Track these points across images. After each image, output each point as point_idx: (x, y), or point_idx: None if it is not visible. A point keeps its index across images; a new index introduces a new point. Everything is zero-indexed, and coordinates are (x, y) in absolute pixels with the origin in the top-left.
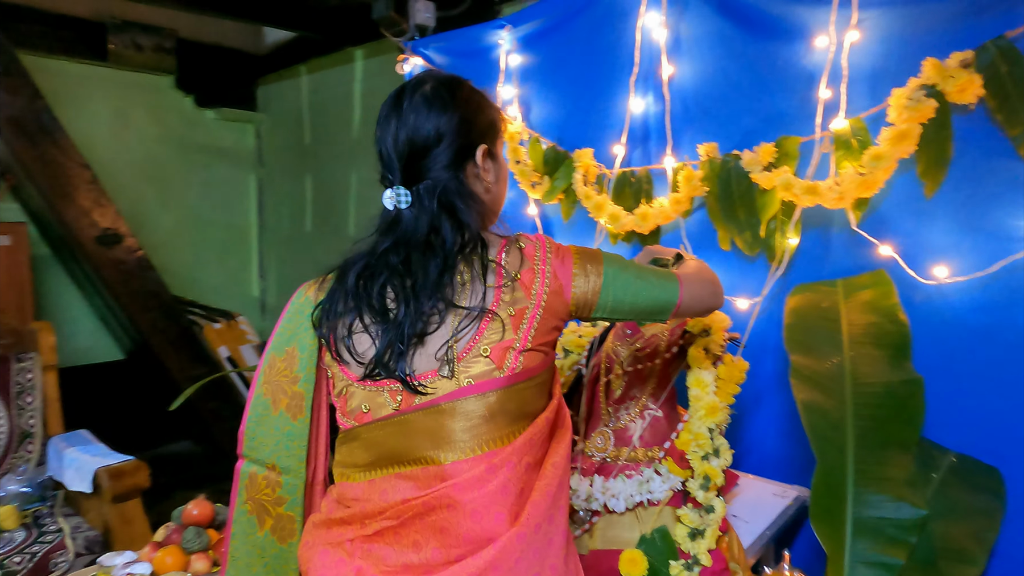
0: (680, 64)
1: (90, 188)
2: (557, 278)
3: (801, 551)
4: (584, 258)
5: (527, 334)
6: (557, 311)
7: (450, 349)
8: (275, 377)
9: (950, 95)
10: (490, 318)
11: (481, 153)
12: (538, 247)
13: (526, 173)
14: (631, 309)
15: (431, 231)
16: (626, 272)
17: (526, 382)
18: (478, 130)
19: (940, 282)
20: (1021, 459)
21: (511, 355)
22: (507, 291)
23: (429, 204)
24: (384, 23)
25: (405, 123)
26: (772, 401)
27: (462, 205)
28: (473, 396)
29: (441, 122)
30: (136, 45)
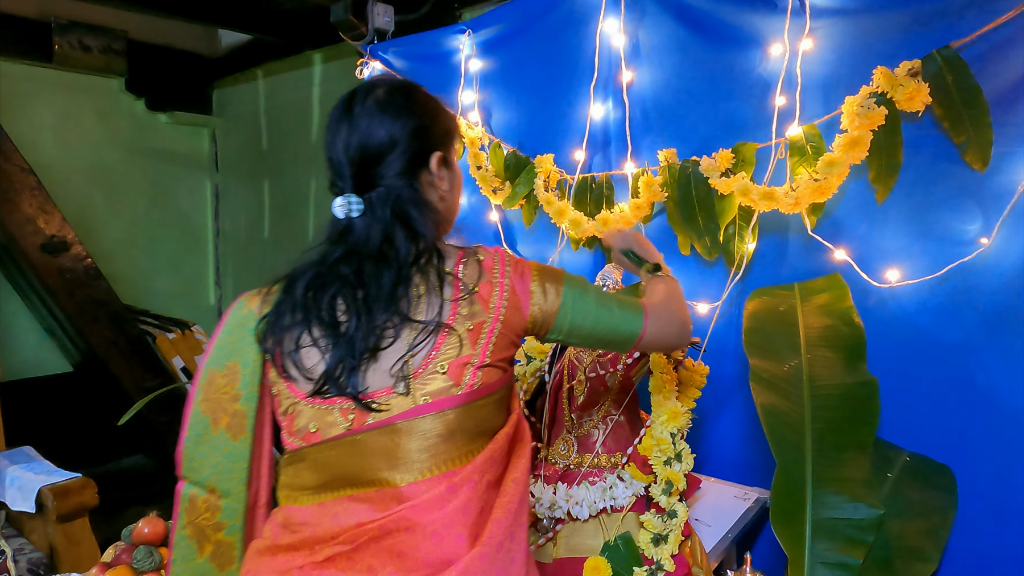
0: (639, 71)
1: (34, 194)
2: (515, 293)
3: (762, 553)
4: (544, 275)
5: (485, 349)
6: (515, 326)
7: (405, 364)
8: (215, 394)
9: (899, 103)
10: (447, 332)
11: (436, 160)
12: (497, 260)
13: (487, 179)
14: (589, 335)
15: (384, 241)
16: (587, 297)
17: (485, 399)
18: (433, 136)
19: (892, 285)
20: (972, 457)
21: (469, 371)
22: (465, 304)
23: (382, 213)
24: (343, 27)
25: (357, 128)
26: (732, 404)
27: (416, 214)
28: (431, 414)
29: (395, 128)
30: (83, 46)
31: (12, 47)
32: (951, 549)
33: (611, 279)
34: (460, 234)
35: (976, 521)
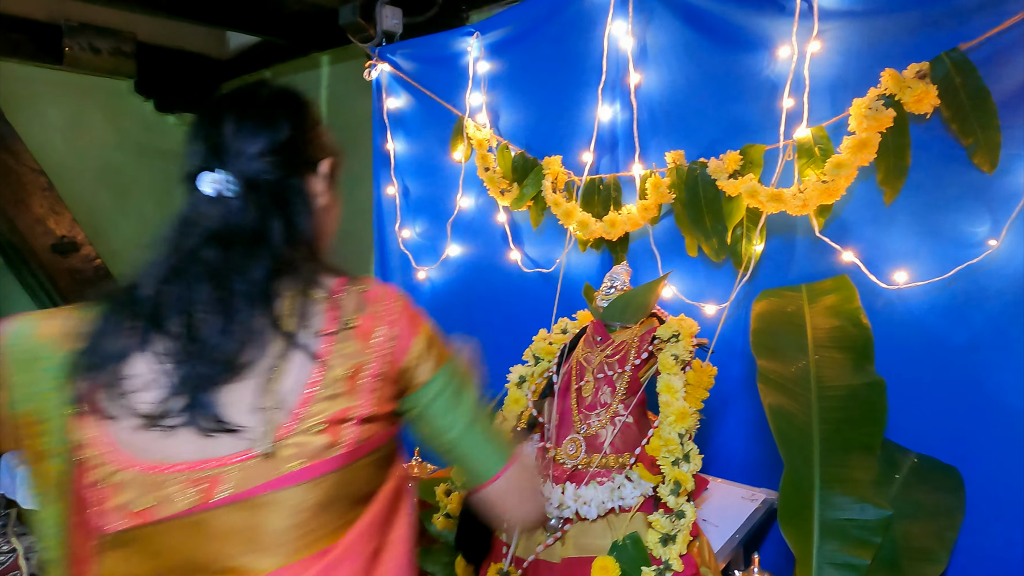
0: (647, 72)
1: (45, 195)
2: (400, 338)
3: (769, 554)
4: (433, 341)
5: (369, 398)
6: (395, 376)
7: (270, 408)
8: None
9: (907, 105)
10: (321, 369)
11: (328, 165)
12: (387, 295)
13: (495, 180)
14: (438, 435)
15: (261, 227)
16: (462, 397)
17: (368, 457)
18: (327, 144)
19: (900, 287)
20: (979, 458)
21: (349, 427)
22: (342, 341)
23: (262, 199)
24: (351, 29)
25: (248, 110)
26: (739, 405)
27: (302, 211)
28: (303, 483)
29: (297, 118)
30: (93, 48)
31: (23, 49)
32: (959, 550)
33: (619, 280)
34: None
35: (984, 522)
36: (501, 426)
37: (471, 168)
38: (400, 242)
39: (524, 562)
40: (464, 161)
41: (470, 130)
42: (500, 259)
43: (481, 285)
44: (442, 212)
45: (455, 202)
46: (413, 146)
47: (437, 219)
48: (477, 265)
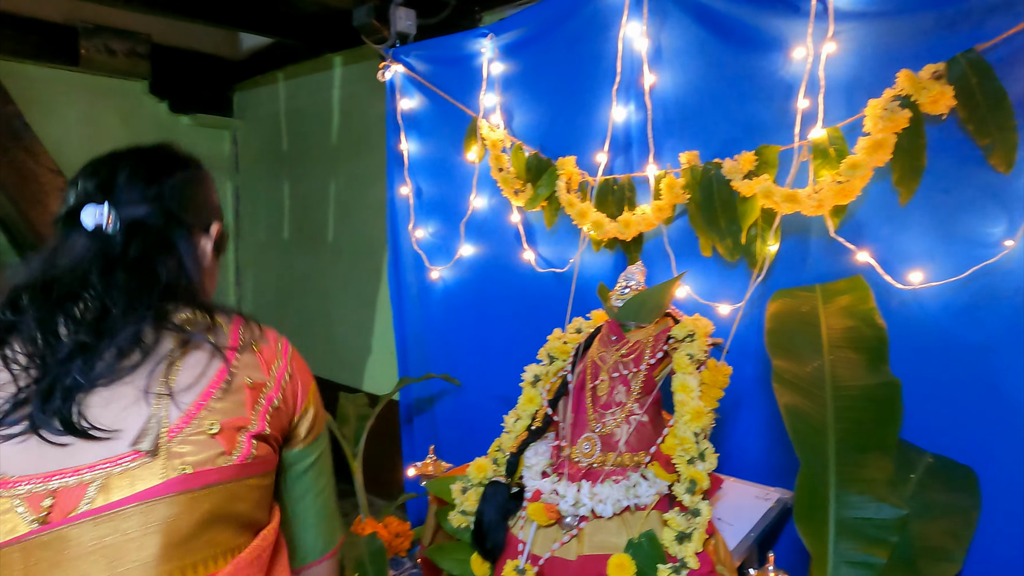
0: (661, 73)
1: (62, 195)
2: (295, 380)
3: (783, 553)
4: (319, 402)
5: (263, 418)
6: (285, 424)
7: (159, 417)
8: None
9: (923, 106)
10: (226, 370)
11: (216, 229)
12: (282, 340)
13: (509, 180)
14: (290, 499)
15: (145, 258)
16: (322, 469)
17: (258, 479)
18: (217, 208)
19: (915, 287)
20: (995, 458)
21: (244, 437)
22: (245, 353)
23: (145, 240)
24: (365, 30)
25: (145, 161)
26: (753, 405)
27: (188, 257)
28: (188, 493)
29: (187, 173)
30: (108, 50)
31: (39, 51)
32: (974, 550)
33: (634, 280)
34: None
35: (1000, 522)
36: (338, 513)
37: (485, 168)
38: (413, 242)
39: (540, 559)
40: (478, 161)
41: (484, 131)
42: (514, 259)
43: (494, 285)
44: (455, 212)
45: (469, 202)
46: (427, 147)
47: (450, 219)
48: (490, 265)
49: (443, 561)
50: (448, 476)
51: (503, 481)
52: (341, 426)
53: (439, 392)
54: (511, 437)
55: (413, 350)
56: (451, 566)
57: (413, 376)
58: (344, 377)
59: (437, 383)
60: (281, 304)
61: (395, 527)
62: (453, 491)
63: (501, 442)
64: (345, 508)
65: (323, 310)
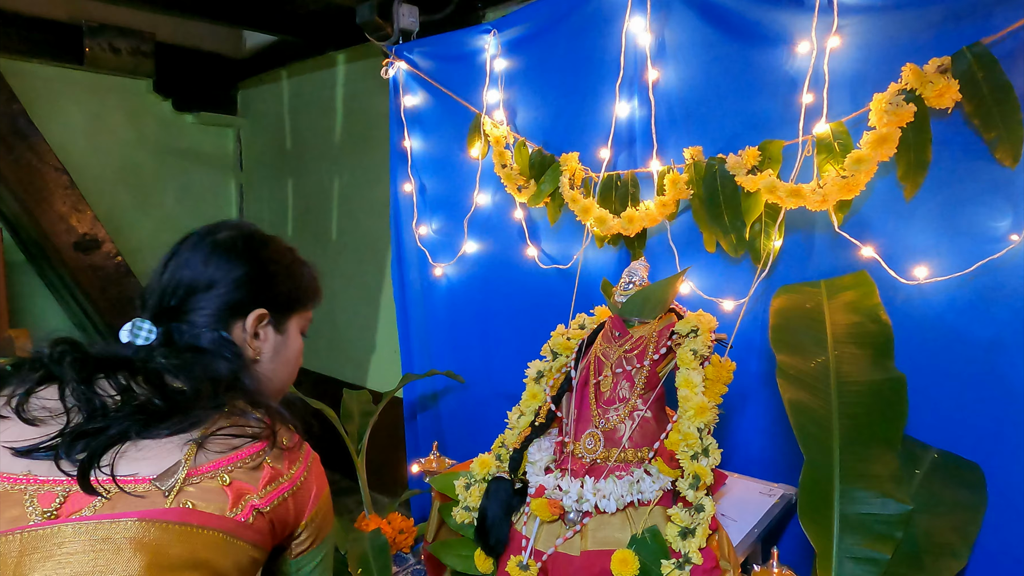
0: (665, 69)
1: (67, 193)
2: (311, 485)
3: (788, 548)
4: (328, 512)
5: (271, 498)
6: (290, 521)
7: (185, 462)
8: None
9: (928, 100)
10: (258, 449)
11: (255, 317)
12: (305, 446)
13: (512, 177)
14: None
15: (169, 371)
16: (326, 569)
17: (251, 545)
18: (263, 291)
19: (920, 282)
20: (1001, 454)
21: (247, 503)
22: (273, 447)
23: (177, 346)
24: (368, 28)
25: (181, 258)
26: (758, 401)
27: (223, 358)
28: (182, 524)
29: (221, 269)
30: (113, 48)
31: (45, 50)
32: (980, 546)
33: (638, 276)
34: None
35: (1006, 518)
36: None
37: (488, 165)
38: (417, 239)
39: (544, 555)
40: (481, 158)
41: (487, 127)
42: (517, 255)
43: (498, 281)
44: (459, 209)
45: (472, 199)
46: (430, 143)
47: (454, 216)
48: (494, 261)
49: (447, 557)
50: (452, 472)
51: (507, 477)
52: (345, 423)
53: (443, 389)
54: (515, 433)
55: (417, 347)
56: (455, 562)
57: (417, 373)
58: (348, 374)
59: (441, 380)
60: None
61: (399, 523)
62: (457, 487)
63: (504, 438)
64: (349, 505)
65: (327, 307)
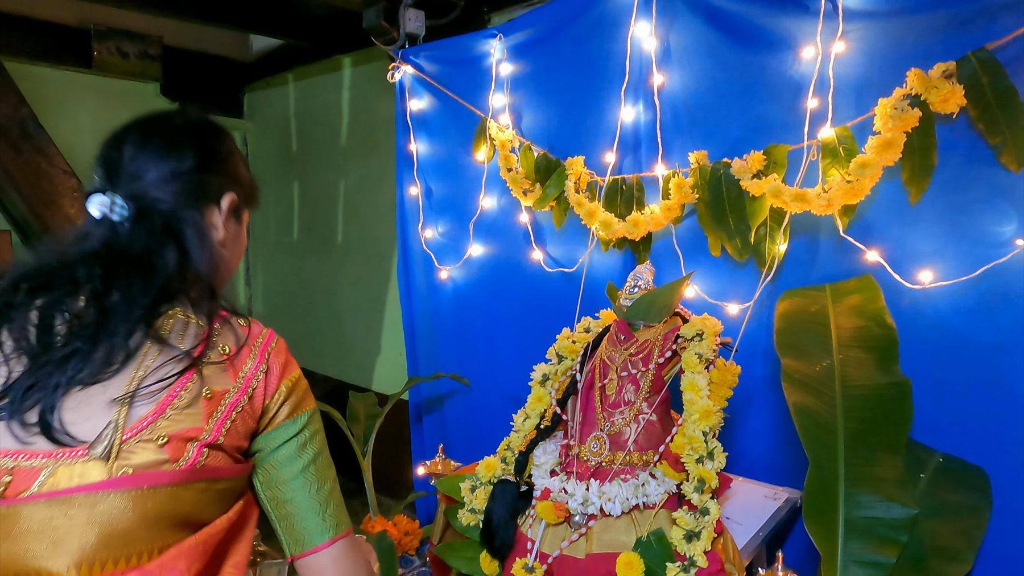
0: (670, 73)
1: (76, 196)
2: (269, 376)
3: (793, 552)
4: (300, 388)
5: (220, 426)
6: (251, 422)
7: (117, 424)
8: None
9: (934, 105)
10: (183, 384)
11: (229, 200)
12: (265, 335)
13: (517, 181)
14: (273, 485)
15: (150, 250)
16: (308, 449)
17: (205, 483)
18: (233, 177)
19: (925, 287)
20: (1005, 458)
21: (193, 447)
22: (209, 364)
23: (151, 225)
24: (375, 32)
25: (152, 136)
26: (763, 404)
27: (195, 241)
28: (125, 491)
29: (197, 143)
30: (121, 52)
31: (53, 54)
32: (985, 550)
33: (643, 279)
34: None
35: (1011, 523)
36: (340, 500)
37: (494, 168)
38: (423, 242)
39: (549, 558)
40: (487, 162)
41: (493, 131)
42: (523, 259)
43: (503, 285)
44: (465, 212)
45: (478, 202)
46: (436, 147)
47: (460, 219)
48: (499, 265)
49: (452, 559)
50: (457, 475)
51: (512, 479)
52: (351, 425)
53: (448, 391)
54: (520, 436)
55: (422, 350)
56: (460, 564)
57: (422, 376)
58: (353, 377)
59: (446, 382)
60: (291, 304)
61: (404, 525)
62: (462, 489)
63: (510, 441)
64: (354, 507)
65: (333, 310)
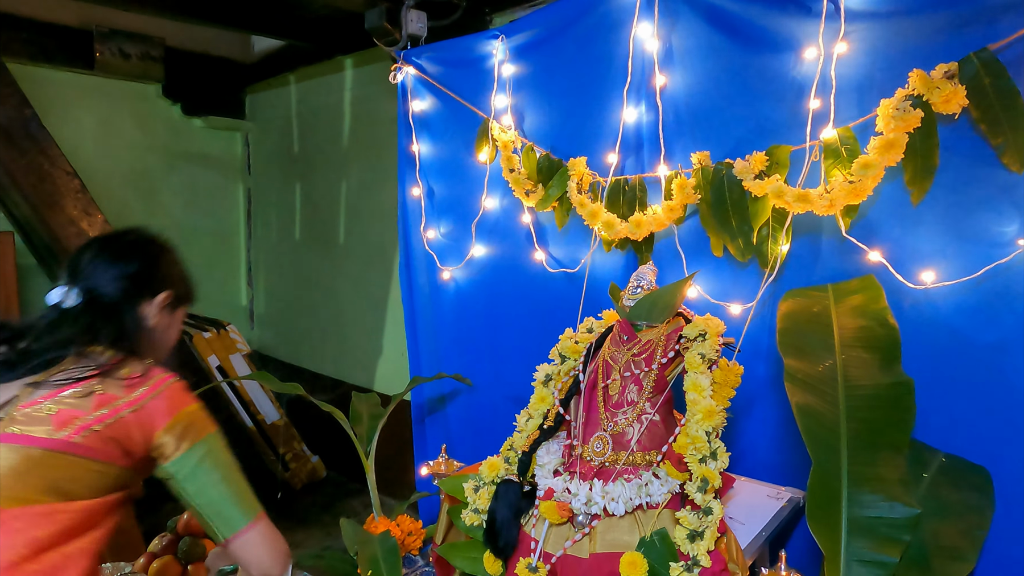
0: (672, 74)
1: (78, 197)
2: (158, 405)
3: (796, 551)
4: (190, 422)
5: (102, 419)
6: (137, 436)
7: (19, 397)
8: None
9: (936, 105)
10: (86, 383)
11: (162, 298)
12: (167, 376)
13: (520, 181)
14: (189, 498)
15: (89, 325)
16: (207, 466)
17: (79, 459)
18: (167, 278)
19: (927, 287)
20: (1008, 458)
21: (74, 426)
22: (110, 377)
23: (97, 309)
24: (377, 33)
25: (107, 243)
26: (765, 405)
27: (130, 324)
28: (10, 445)
29: (141, 255)
30: (123, 53)
31: (56, 55)
32: (988, 550)
33: (646, 280)
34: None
35: (1014, 522)
36: (249, 488)
37: (496, 169)
38: (425, 243)
39: (552, 557)
40: (489, 163)
41: (495, 132)
42: (525, 259)
43: (506, 285)
44: (467, 213)
45: (480, 203)
46: (438, 148)
47: (462, 220)
48: (502, 265)
49: (456, 559)
50: (460, 475)
51: (515, 479)
52: (354, 426)
53: (451, 392)
54: (523, 436)
55: (425, 350)
56: (464, 564)
57: (425, 376)
58: (356, 377)
59: (449, 383)
60: (293, 305)
61: (407, 525)
62: (466, 489)
63: (513, 441)
64: (357, 507)
65: (335, 311)
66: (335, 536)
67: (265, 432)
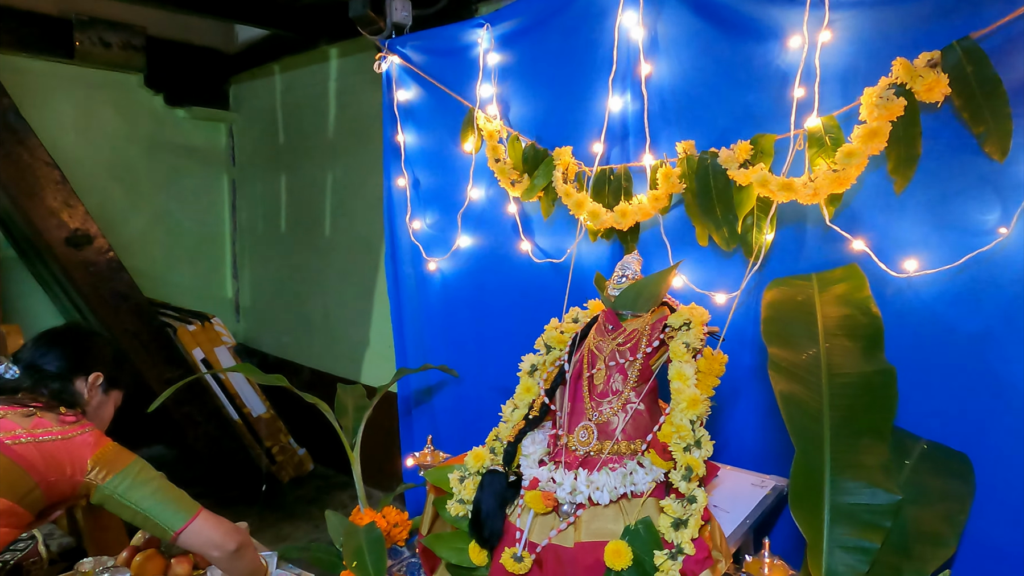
0: (657, 63)
1: (58, 188)
2: (77, 445)
3: (779, 539)
4: (109, 458)
5: (38, 436)
6: (65, 459)
7: None
8: None
9: (919, 94)
10: (38, 407)
11: (94, 377)
12: (87, 429)
13: (505, 171)
14: (129, 513)
15: (31, 387)
16: (135, 485)
17: (20, 469)
18: (100, 362)
19: (910, 275)
20: (989, 445)
21: (12, 432)
22: (48, 412)
23: (38, 378)
24: (361, 22)
25: (55, 333)
26: (749, 394)
27: (65, 394)
28: None
29: (79, 342)
30: (103, 42)
31: (34, 44)
32: (968, 535)
33: (631, 269)
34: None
35: (993, 508)
36: (182, 495)
37: (481, 159)
38: (411, 233)
39: (537, 547)
40: (474, 152)
41: (480, 122)
42: (511, 250)
43: (492, 276)
44: (452, 203)
45: (466, 193)
46: (423, 138)
47: (447, 210)
48: (488, 256)
49: (441, 549)
50: (446, 465)
51: (501, 470)
52: (339, 417)
53: (437, 383)
54: (509, 426)
55: (411, 342)
56: (449, 554)
57: (411, 367)
58: (342, 369)
59: (435, 374)
60: (278, 297)
61: (393, 517)
62: (451, 480)
63: (499, 431)
64: (344, 500)
65: (321, 303)
66: (323, 529)
67: (251, 425)
